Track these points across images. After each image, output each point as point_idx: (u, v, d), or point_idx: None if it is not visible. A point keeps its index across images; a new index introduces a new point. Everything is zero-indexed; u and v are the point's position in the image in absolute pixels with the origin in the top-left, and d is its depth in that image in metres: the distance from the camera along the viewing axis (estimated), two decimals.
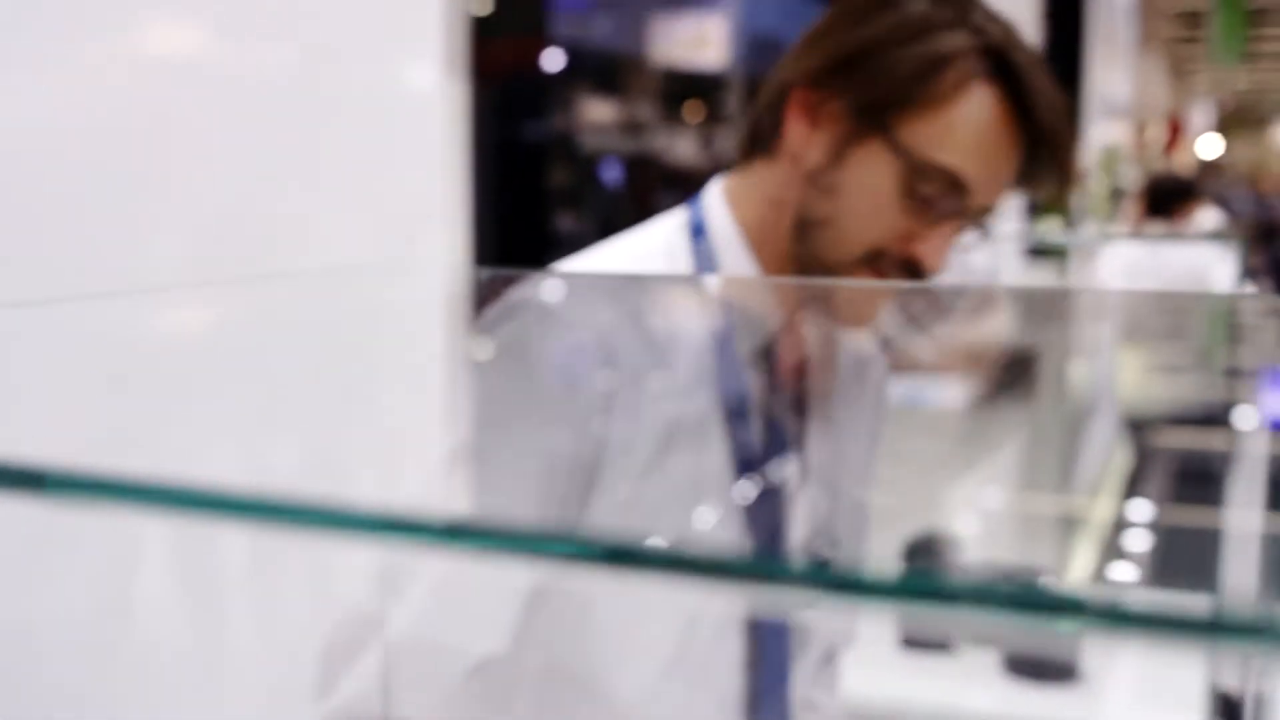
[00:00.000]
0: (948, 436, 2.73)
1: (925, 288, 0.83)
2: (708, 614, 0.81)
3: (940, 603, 0.25)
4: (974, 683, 1.52)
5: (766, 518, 0.83)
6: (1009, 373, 2.74)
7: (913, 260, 0.80)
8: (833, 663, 0.99)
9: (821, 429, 0.88)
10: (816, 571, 0.26)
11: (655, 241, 0.87)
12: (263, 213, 1.13)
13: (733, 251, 0.84)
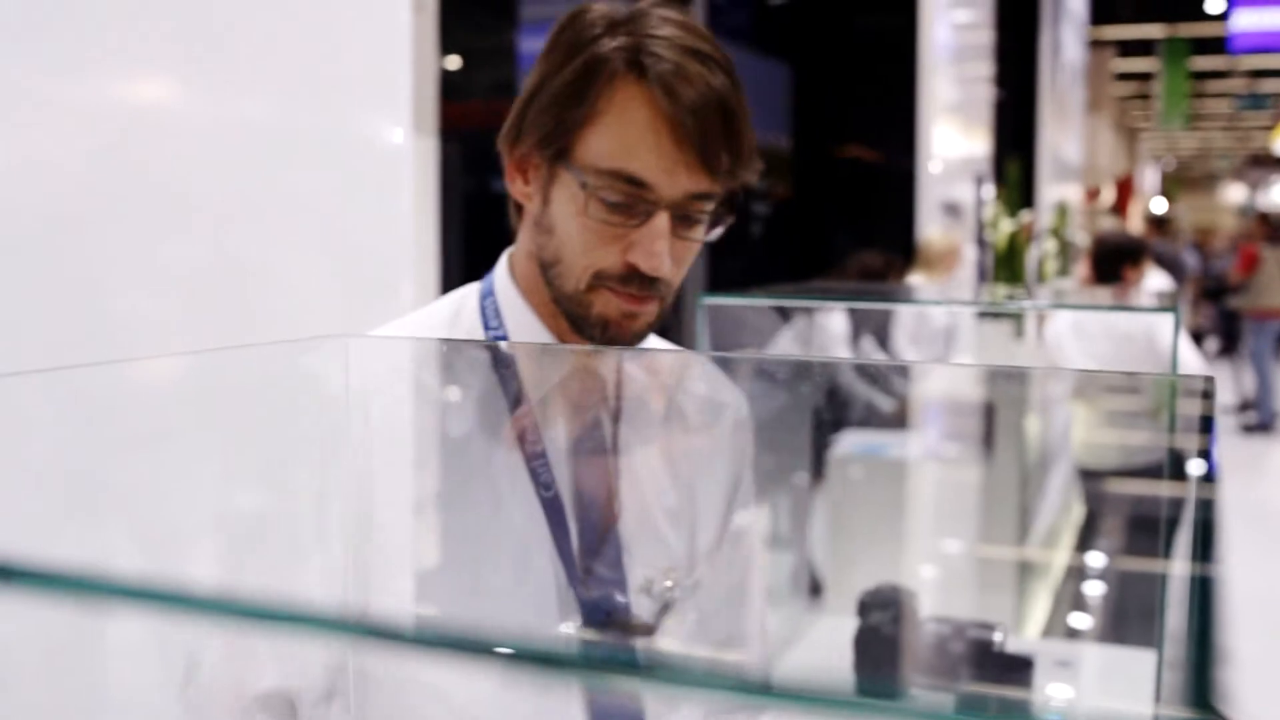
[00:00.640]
0: (906, 489, 2.78)
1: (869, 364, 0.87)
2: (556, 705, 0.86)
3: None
4: None
5: (586, 548, 0.88)
6: (967, 428, 2.80)
7: (633, 269, 0.84)
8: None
9: (660, 465, 0.94)
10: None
11: (448, 305, 0.95)
12: (234, 268, 1.15)
13: (514, 307, 0.92)
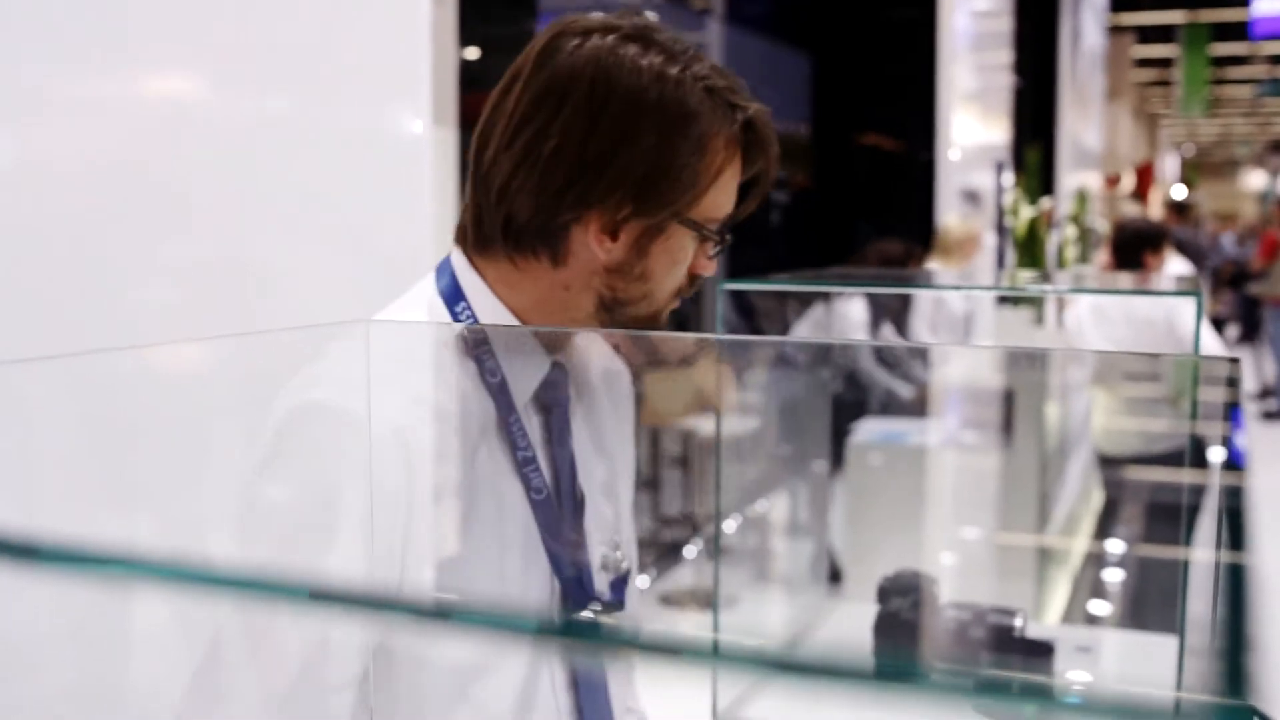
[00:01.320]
0: (926, 476, 2.78)
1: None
2: (541, 661, 0.91)
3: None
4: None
5: (567, 542, 0.94)
6: (986, 415, 2.79)
7: (697, 277, 0.96)
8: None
9: (590, 445, 1.00)
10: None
11: (417, 312, 0.95)
12: (255, 260, 1.16)
13: (498, 317, 0.95)
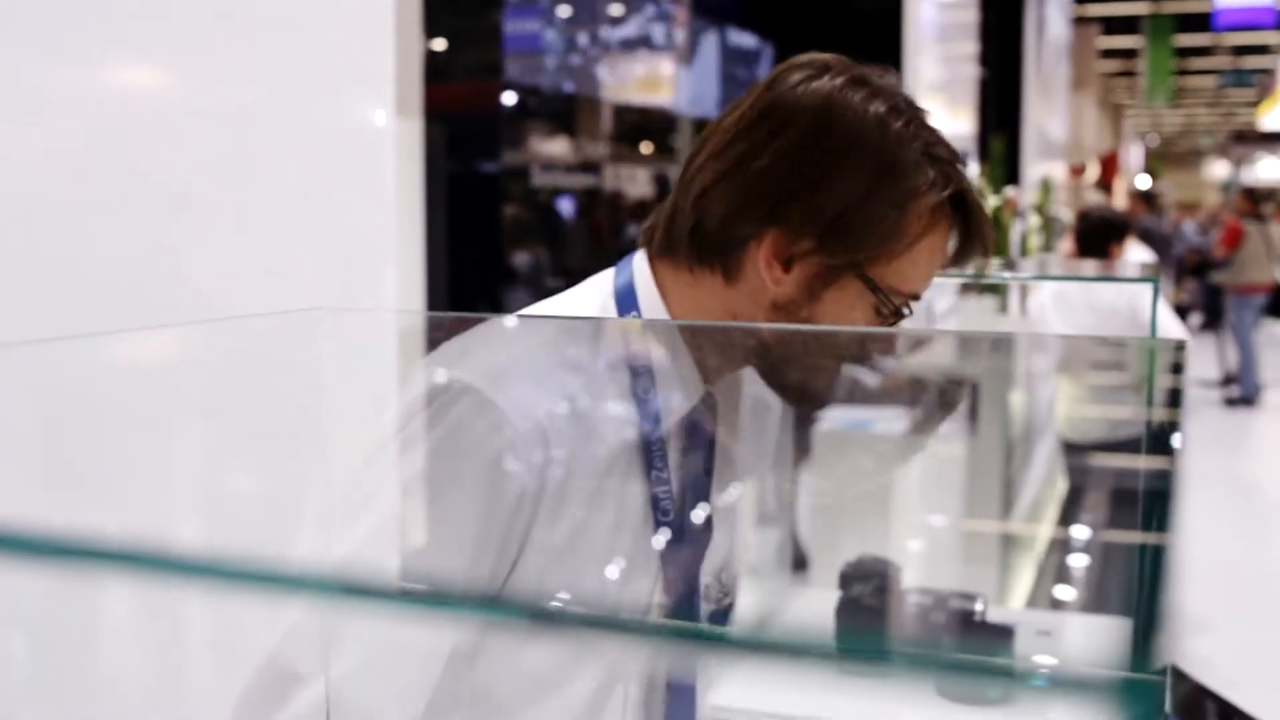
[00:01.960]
0: (891, 464, 2.81)
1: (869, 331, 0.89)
2: (618, 678, 0.86)
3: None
4: (908, 704, 1.58)
5: (682, 567, 0.88)
6: (953, 402, 2.82)
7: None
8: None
9: (727, 473, 0.93)
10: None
11: (589, 309, 0.89)
12: (217, 252, 1.16)
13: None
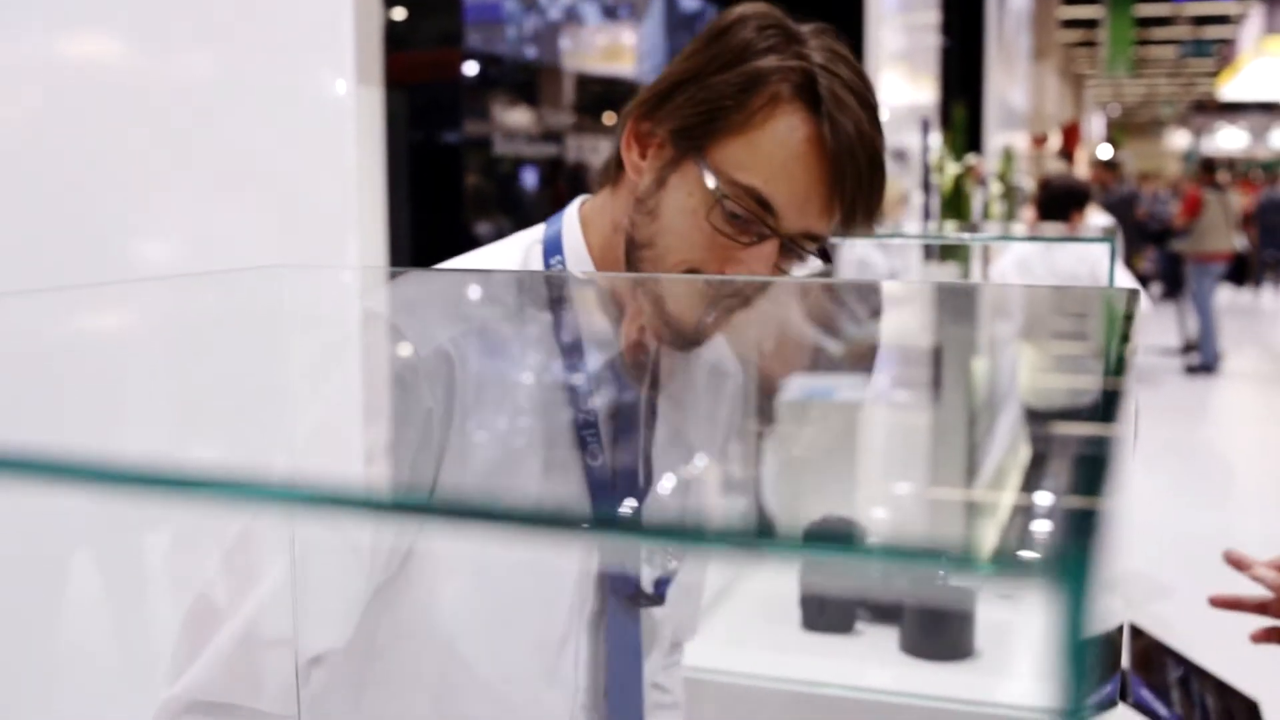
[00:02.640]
0: (856, 432, 2.82)
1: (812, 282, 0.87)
2: (558, 607, 0.85)
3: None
4: (873, 662, 1.60)
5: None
6: (916, 371, 2.84)
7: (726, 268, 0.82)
8: (678, 652, 1.05)
9: (667, 436, 0.91)
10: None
11: (512, 255, 0.90)
12: (173, 223, 1.14)
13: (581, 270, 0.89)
